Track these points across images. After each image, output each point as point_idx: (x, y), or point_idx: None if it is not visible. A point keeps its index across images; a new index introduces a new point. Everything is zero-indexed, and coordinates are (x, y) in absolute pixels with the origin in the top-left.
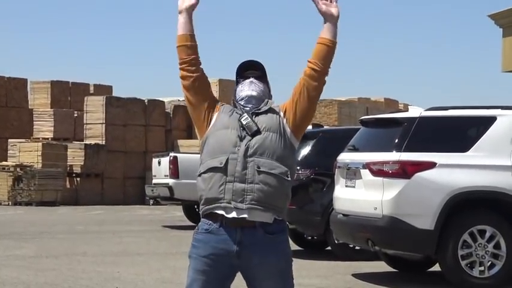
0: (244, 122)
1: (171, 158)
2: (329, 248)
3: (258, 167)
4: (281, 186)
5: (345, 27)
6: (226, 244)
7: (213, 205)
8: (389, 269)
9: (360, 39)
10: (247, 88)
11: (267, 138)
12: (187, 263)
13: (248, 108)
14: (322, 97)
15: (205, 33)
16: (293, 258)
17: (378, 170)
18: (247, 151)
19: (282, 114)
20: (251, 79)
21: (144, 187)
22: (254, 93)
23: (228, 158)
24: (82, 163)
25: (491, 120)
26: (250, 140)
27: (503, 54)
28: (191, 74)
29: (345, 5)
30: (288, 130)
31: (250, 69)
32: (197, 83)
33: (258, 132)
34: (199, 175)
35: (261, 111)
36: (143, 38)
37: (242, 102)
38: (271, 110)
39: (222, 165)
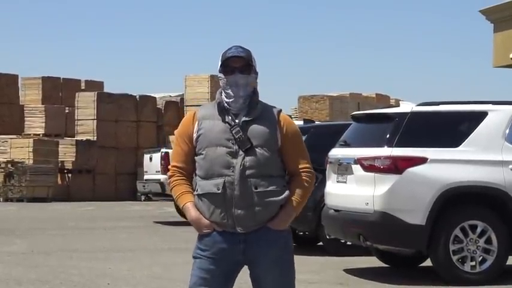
0: (236, 136)
1: (163, 153)
2: (321, 243)
3: (256, 188)
4: (280, 199)
5: (337, 22)
6: (231, 243)
7: (218, 226)
8: (381, 264)
9: (351, 34)
10: (234, 90)
11: (261, 155)
12: (178, 259)
13: (235, 111)
14: (313, 92)
15: (196, 28)
16: None
17: (369, 165)
18: (243, 173)
19: (278, 127)
20: (235, 74)
21: (135, 183)
22: (241, 93)
23: (224, 182)
24: (73, 159)
25: (483, 115)
26: (244, 158)
27: (494, 49)
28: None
29: (337, 0)
30: (279, 142)
31: (234, 58)
32: None
33: (251, 148)
34: (198, 196)
35: (253, 118)
36: (135, 33)
37: (229, 103)
38: (264, 115)
39: (219, 191)
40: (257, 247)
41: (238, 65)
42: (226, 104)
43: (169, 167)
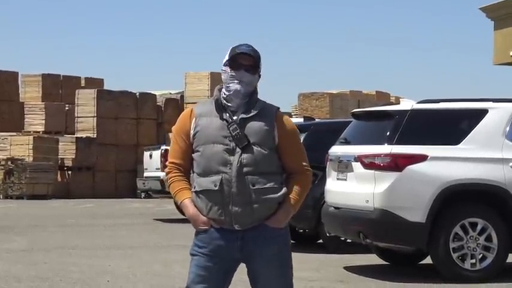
0: (233, 133)
1: (163, 151)
2: (321, 241)
3: (253, 185)
4: (278, 196)
5: (337, 19)
6: (229, 240)
7: (215, 223)
8: (380, 261)
9: (351, 32)
10: (236, 85)
11: (258, 152)
12: (178, 256)
13: (234, 108)
14: (313, 90)
15: (196, 25)
16: None
17: (369, 163)
18: (240, 170)
19: (275, 124)
20: (242, 71)
21: (135, 180)
22: (242, 91)
23: (221, 179)
24: (73, 156)
25: (483, 113)
26: (241, 155)
27: (494, 47)
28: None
29: None
30: (276, 140)
31: (244, 55)
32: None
33: (248, 145)
34: (196, 192)
35: (251, 115)
36: (135, 31)
37: (229, 97)
38: (262, 112)
39: (217, 188)
40: (254, 244)
41: (246, 62)
42: (224, 101)
43: (167, 163)
